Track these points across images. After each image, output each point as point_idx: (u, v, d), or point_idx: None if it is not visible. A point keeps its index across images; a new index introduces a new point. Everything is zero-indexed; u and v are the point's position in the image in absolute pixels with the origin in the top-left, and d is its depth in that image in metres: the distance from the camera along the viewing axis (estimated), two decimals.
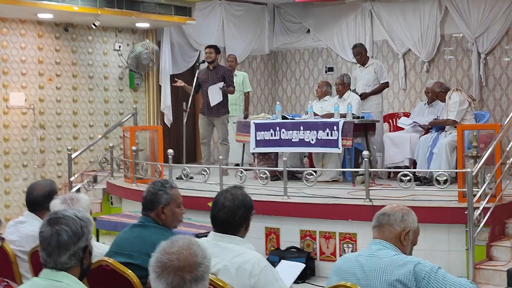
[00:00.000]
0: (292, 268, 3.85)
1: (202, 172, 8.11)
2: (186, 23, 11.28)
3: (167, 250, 2.24)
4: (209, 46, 9.93)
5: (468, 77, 11.49)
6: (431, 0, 11.62)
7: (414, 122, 8.97)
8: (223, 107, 9.73)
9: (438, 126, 8.56)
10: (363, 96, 9.56)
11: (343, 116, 8.48)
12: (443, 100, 8.48)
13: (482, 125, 7.67)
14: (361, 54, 9.74)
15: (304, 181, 7.41)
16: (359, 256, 3.16)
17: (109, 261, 3.54)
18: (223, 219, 3.25)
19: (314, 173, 7.49)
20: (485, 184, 6.43)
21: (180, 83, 9.77)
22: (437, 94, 8.66)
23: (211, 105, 9.57)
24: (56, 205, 3.83)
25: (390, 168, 8.72)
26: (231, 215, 3.24)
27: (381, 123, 9.69)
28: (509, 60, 11.12)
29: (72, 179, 9.74)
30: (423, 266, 2.95)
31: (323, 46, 13.28)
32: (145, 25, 11.19)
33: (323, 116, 8.92)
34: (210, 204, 3.48)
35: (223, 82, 9.55)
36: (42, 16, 10.04)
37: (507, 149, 6.94)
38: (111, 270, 3.52)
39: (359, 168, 8.07)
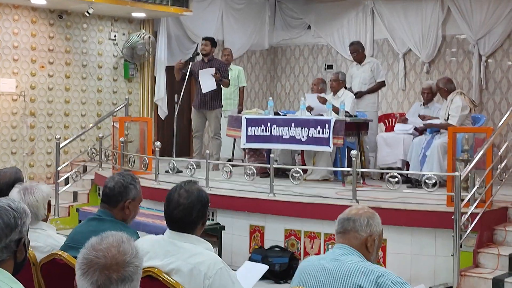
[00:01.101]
0: (255, 270, 3.69)
1: (189, 166, 7.99)
2: (183, 15, 11.13)
3: (95, 247, 2.09)
4: (205, 38, 9.77)
5: (469, 80, 11.30)
6: (433, 0, 11.43)
7: (413, 126, 8.73)
8: (216, 101, 9.57)
9: (433, 128, 8.39)
10: (359, 95, 9.40)
11: (335, 110, 8.32)
12: (443, 96, 8.25)
13: (474, 129, 7.47)
14: (357, 52, 9.58)
15: (291, 179, 7.26)
16: (322, 259, 3.03)
17: (63, 255, 3.39)
18: (179, 218, 3.09)
19: (301, 172, 7.32)
20: (474, 188, 6.26)
21: (179, 64, 9.48)
22: (439, 90, 8.35)
23: (203, 91, 9.34)
24: (13, 193, 3.69)
25: (382, 169, 8.55)
26: (187, 213, 3.08)
27: (376, 123, 9.54)
28: (511, 64, 10.92)
29: (59, 168, 9.58)
30: (386, 279, 2.79)
31: (323, 43, 13.10)
32: (141, 15, 11.06)
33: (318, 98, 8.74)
34: None
35: (214, 68, 9.32)
36: (35, 1, 9.89)
37: (499, 153, 6.77)
38: (64, 264, 3.38)
39: (351, 167, 7.90)
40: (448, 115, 8.03)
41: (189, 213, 3.08)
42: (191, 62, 9.72)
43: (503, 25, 10.78)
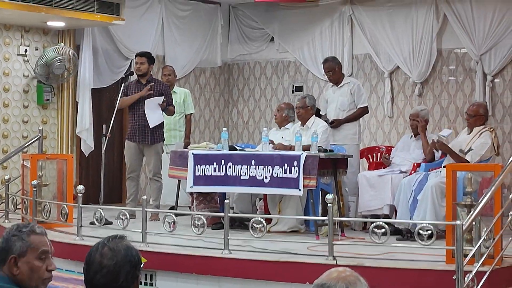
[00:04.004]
0: None
1: (121, 216, 7.96)
2: (113, 24, 11.20)
3: None
4: (139, 54, 9.85)
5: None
6: (427, 6, 11.65)
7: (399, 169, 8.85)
8: (157, 132, 9.63)
9: (429, 163, 8.50)
10: (335, 124, 9.50)
11: (306, 149, 8.38)
12: (471, 126, 8.35)
13: (478, 166, 7.59)
14: (333, 70, 9.68)
15: (251, 231, 7.27)
16: None
17: None
18: (102, 284, 3.09)
19: (264, 222, 7.34)
20: (480, 241, 6.32)
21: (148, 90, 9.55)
22: (476, 116, 8.38)
23: (150, 126, 9.45)
24: None
25: (365, 217, 8.62)
26: (112, 277, 3.09)
27: (357, 159, 9.63)
28: None
29: None
30: None
31: (290, 59, 13.24)
32: (60, 24, 11.11)
33: (278, 147, 8.82)
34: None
35: (163, 97, 9.44)
36: None
37: (510, 196, 6.86)
38: None
39: (326, 215, 7.95)
40: (470, 149, 8.13)
41: (115, 278, 3.09)
42: (123, 84, 9.73)
43: None
